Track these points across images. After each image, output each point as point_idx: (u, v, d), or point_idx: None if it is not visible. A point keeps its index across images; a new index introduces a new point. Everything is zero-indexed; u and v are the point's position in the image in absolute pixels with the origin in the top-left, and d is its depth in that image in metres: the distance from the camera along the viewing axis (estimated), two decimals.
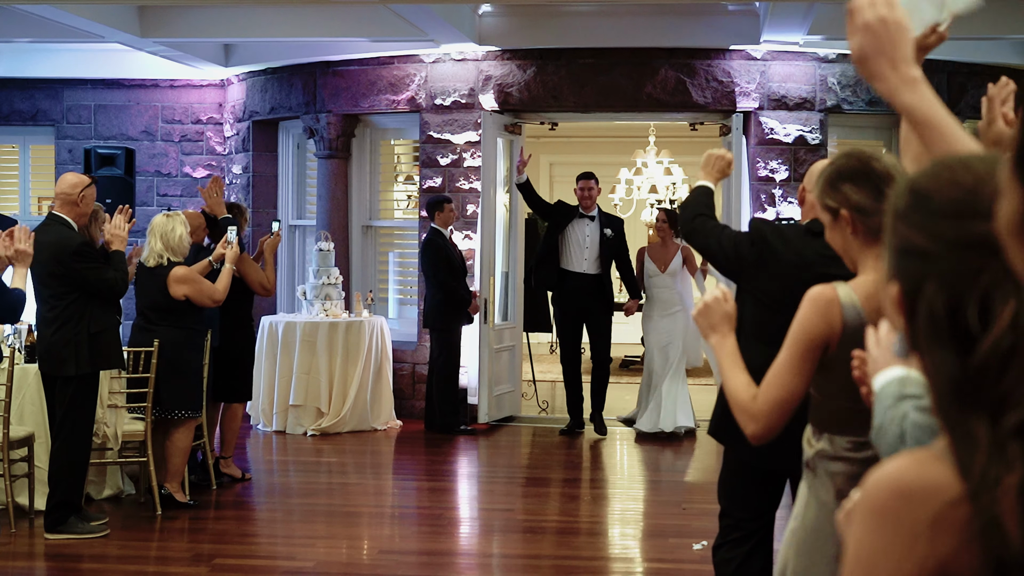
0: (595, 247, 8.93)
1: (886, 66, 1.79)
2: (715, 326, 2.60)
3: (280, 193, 10.91)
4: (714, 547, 3.95)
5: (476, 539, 6.48)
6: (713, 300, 2.60)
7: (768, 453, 3.81)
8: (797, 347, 2.56)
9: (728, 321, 2.60)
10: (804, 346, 2.55)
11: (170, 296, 6.50)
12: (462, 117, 9.66)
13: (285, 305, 10.56)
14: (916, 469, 1.03)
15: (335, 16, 9.02)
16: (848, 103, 9.34)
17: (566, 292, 8.99)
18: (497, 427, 9.36)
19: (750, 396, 2.54)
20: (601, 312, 9.02)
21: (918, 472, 1.02)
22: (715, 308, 2.60)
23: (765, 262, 3.69)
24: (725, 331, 2.59)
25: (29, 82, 11.31)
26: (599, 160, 14.62)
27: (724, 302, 2.60)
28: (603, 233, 8.96)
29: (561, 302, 9.07)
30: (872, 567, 1.02)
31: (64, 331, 5.87)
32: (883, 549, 1.02)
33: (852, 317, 2.56)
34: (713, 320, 2.60)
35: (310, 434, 8.95)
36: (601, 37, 9.21)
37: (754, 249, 3.73)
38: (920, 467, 1.03)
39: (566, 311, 9.02)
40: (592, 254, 8.93)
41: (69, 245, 5.86)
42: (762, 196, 9.30)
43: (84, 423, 5.96)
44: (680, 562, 5.92)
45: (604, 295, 9.02)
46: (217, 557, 5.79)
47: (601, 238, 8.95)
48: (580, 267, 8.94)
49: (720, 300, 2.60)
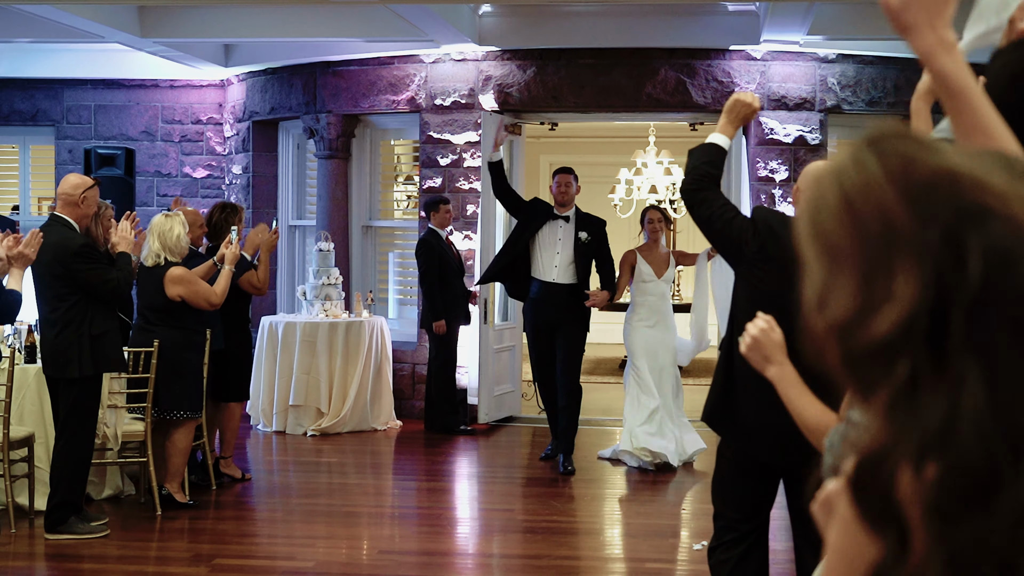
0: (568, 252, 7.77)
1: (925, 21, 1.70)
2: (769, 358, 2.47)
3: (280, 193, 10.92)
4: (709, 549, 3.93)
5: (476, 539, 6.48)
6: (760, 332, 2.48)
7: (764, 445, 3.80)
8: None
9: (781, 350, 2.46)
10: None
11: (166, 297, 6.50)
12: (462, 117, 9.66)
13: (285, 305, 10.56)
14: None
15: (335, 16, 9.02)
16: (848, 103, 9.34)
17: (535, 303, 7.86)
18: (497, 427, 9.36)
19: (826, 423, 2.37)
20: (573, 329, 7.75)
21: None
22: (764, 340, 2.47)
23: (768, 251, 3.66)
24: (780, 359, 2.45)
25: (29, 82, 11.31)
26: (599, 160, 14.63)
27: (772, 332, 2.47)
28: (577, 237, 7.79)
29: (530, 314, 7.94)
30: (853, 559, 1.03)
31: (67, 333, 5.88)
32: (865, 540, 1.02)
33: None
34: (766, 352, 2.47)
35: (310, 434, 8.96)
36: (601, 37, 9.22)
37: (757, 238, 3.70)
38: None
39: (535, 324, 7.88)
40: (564, 260, 7.76)
41: (70, 246, 5.86)
42: (762, 196, 9.30)
43: (87, 424, 5.97)
44: (680, 562, 5.93)
45: (578, 309, 7.73)
46: (217, 557, 5.79)
47: (576, 243, 7.79)
48: (550, 275, 7.77)
49: (767, 331, 2.47)
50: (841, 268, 0.98)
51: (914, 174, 0.96)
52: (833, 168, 1.01)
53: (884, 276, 0.95)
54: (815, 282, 1.01)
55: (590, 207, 8.43)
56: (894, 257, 0.95)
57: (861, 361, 0.96)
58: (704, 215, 3.77)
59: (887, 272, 0.95)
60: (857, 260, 0.97)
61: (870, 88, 9.26)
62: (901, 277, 0.94)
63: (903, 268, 0.94)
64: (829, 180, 1.00)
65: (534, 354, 7.96)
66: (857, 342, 0.96)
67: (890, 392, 0.94)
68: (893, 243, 0.95)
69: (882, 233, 0.95)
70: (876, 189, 0.96)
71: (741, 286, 3.77)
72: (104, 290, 5.91)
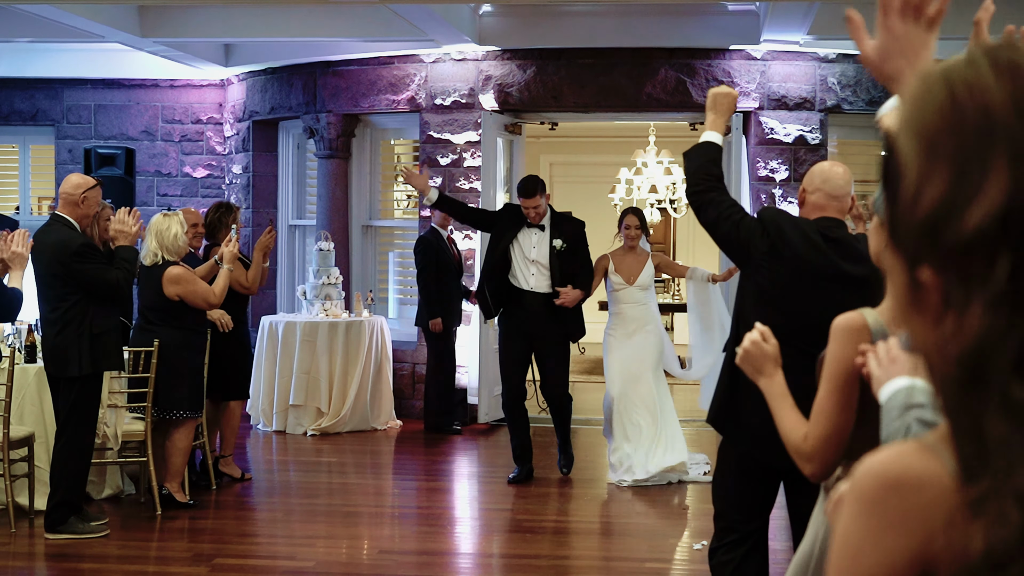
0: (544, 260, 7.32)
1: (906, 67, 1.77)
2: (760, 369, 2.55)
3: (280, 193, 10.92)
4: (711, 550, 3.93)
5: (476, 539, 6.48)
6: (752, 344, 2.55)
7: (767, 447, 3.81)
8: (835, 381, 2.47)
9: (772, 361, 2.54)
10: (842, 379, 2.46)
11: (165, 296, 6.50)
12: (462, 117, 9.66)
13: (285, 305, 10.57)
14: (905, 459, 1.04)
15: (335, 16, 9.02)
16: (848, 103, 9.34)
17: (511, 310, 7.38)
18: (497, 427, 9.36)
19: (801, 437, 2.48)
20: (554, 340, 7.36)
21: (907, 462, 1.03)
22: (755, 352, 2.55)
23: (778, 253, 3.65)
24: (770, 371, 2.54)
25: (29, 82, 11.32)
26: (599, 160, 14.65)
27: (764, 343, 2.54)
28: (551, 245, 7.31)
29: (505, 319, 7.45)
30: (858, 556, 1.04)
31: (67, 332, 5.88)
32: (869, 538, 1.03)
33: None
34: (757, 364, 2.55)
35: (310, 434, 8.96)
36: (601, 37, 9.22)
37: (767, 239, 3.68)
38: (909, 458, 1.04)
39: (510, 330, 7.40)
40: (540, 269, 7.32)
41: (70, 245, 5.86)
42: (762, 196, 9.30)
43: (87, 424, 5.97)
44: (680, 562, 5.93)
45: (556, 319, 7.31)
46: (217, 557, 5.79)
47: (551, 251, 7.31)
48: (527, 283, 7.32)
49: (759, 343, 2.54)
50: (938, 159, 0.99)
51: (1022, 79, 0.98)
52: (943, 67, 1.03)
53: (979, 170, 0.96)
54: (910, 176, 1.01)
55: (590, 207, 8.45)
56: (991, 152, 0.96)
57: (959, 255, 0.97)
58: (711, 217, 3.77)
59: (982, 166, 0.96)
60: (954, 152, 0.98)
61: (870, 88, 9.26)
62: (995, 173, 0.96)
63: (998, 164, 0.96)
64: (937, 76, 1.03)
65: (506, 364, 7.40)
66: (951, 234, 0.97)
67: (992, 289, 0.95)
68: (991, 139, 0.97)
69: (982, 128, 0.97)
70: (983, 86, 0.98)
71: (748, 287, 3.77)
72: (104, 289, 5.91)
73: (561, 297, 7.21)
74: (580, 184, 14.99)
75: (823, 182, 3.60)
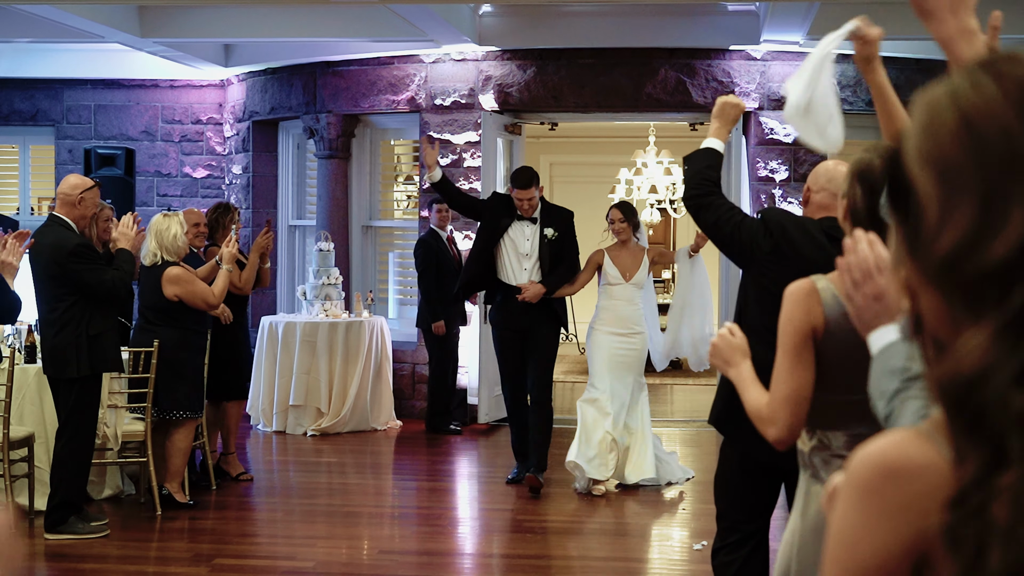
0: (535, 253, 7.15)
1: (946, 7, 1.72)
2: (729, 361, 2.61)
3: (280, 193, 10.92)
4: (713, 550, 3.93)
5: (476, 539, 6.48)
6: (720, 339, 2.62)
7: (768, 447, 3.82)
8: (788, 342, 2.60)
9: (739, 352, 2.61)
10: (794, 340, 2.60)
11: (164, 296, 6.50)
12: (462, 117, 9.66)
13: (285, 305, 10.57)
14: (901, 447, 1.04)
15: (335, 16, 9.02)
16: (848, 103, 9.34)
17: (504, 310, 7.22)
18: (497, 427, 9.36)
19: (763, 403, 2.58)
20: (545, 335, 7.19)
21: (903, 450, 1.03)
22: (724, 346, 2.61)
23: (782, 254, 3.64)
24: (738, 361, 2.60)
25: (29, 82, 11.31)
26: (599, 160, 14.65)
27: (732, 336, 2.61)
28: (543, 235, 7.16)
29: (498, 321, 7.31)
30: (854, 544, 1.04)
31: (65, 333, 5.87)
32: (865, 526, 1.03)
33: (833, 308, 2.60)
34: (726, 356, 2.61)
35: (310, 434, 8.96)
36: (601, 37, 9.22)
37: (770, 240, 3.68)
38: (905, 445, 1.04)
39: (504, 333, 7.24)
40: (532, 263, 7.15)
41: (66, 246, 5.85)
42: (762, 196, 9.30)
43: (87, 424, 5.97)
44: (680, 562, 5.93)
45: (550, 313, 7.18)
46: (217, 557, 5.79)
47: (541, 242, 7.16)
48: (520, 278, 7.16)
49: (727, 336, 2.61)
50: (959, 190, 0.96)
51: None
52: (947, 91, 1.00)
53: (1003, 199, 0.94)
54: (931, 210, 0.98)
55: (590, 207, 8.42)
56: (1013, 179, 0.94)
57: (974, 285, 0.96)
58: (711, 220, 3.79)
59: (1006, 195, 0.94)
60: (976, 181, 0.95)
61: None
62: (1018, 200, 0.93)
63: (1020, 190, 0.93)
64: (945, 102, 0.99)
65: (503, 364, 7.29)
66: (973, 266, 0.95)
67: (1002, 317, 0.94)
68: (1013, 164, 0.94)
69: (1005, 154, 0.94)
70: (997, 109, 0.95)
71: (750, 288, 3.76)
72: (99, 290, 5.89)
73: (523, 292, 7.04)
74: (580, 184, 14.98)
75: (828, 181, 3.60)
